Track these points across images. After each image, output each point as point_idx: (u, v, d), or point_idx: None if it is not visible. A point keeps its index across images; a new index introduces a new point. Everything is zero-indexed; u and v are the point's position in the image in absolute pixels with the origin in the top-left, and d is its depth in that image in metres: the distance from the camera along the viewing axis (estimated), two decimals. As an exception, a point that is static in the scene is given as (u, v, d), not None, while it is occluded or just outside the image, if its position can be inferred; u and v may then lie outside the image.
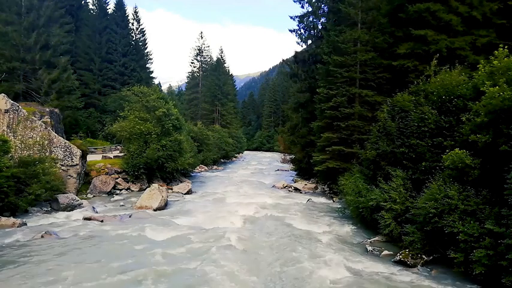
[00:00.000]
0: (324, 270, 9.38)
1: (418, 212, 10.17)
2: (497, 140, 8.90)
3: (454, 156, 9.61)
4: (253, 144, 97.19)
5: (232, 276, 8.82)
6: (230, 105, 67.64)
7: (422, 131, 11.86)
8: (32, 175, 15.16)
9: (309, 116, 26.60)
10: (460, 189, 9.45)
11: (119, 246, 11.00)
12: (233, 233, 12.69)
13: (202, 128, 43.62)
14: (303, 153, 28.36)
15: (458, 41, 16.69)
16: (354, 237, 13.04)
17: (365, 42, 20.33)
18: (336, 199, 20.28)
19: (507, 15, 16.97)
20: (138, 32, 50.90)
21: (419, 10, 17.05)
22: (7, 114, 17.72)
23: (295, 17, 28.75)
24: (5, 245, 10.64)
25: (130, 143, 23.67)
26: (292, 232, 13.30)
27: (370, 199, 12.50)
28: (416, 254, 10.04)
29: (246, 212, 16.45)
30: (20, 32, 27.81)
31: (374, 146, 14.10)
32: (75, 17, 43.12)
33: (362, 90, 20.05)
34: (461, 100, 11.24)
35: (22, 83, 28.09)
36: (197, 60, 69.30)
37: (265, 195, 22.17)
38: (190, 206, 18.35)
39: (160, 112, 23.90)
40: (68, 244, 10.91)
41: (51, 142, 18.79)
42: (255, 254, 10.71)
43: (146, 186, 21.99)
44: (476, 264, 8.16)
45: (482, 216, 8.64)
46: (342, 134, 20.16)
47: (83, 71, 42.84)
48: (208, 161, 42.50)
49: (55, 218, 14.54)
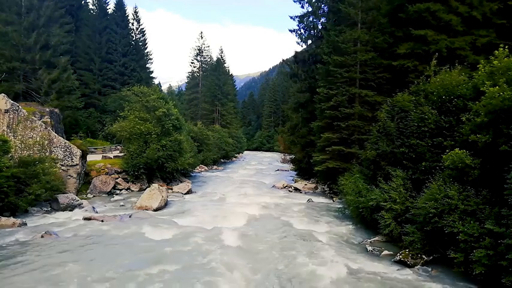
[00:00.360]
0: (324, 270, 9.38)
1: (418, 212, 10.17)
2: (497, 140, 8.89)
3: (454, 156, 9.61)
4: (253, 144, 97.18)
5: (233, 276, 8.82)
6: (230, 105, 67.66)
7: (422, 131, 11.85)
8: (32, 175, 15.15)
9: (309, 116, 26.60)
10: (460, 189, 9.45)
11: (118, 246, 10.99)
12: (233, 232, 12.69)
13: (202, 128, 43.63)
14: (303, 153, 28.35)
15: (458, 41, 16.69)
16: (354, 237, 13.04)
17: (365, 42, 20.33)
18: (336, 199, 20.28)
19: (507, 15, 16.97)
20: (138, 32, 50.94)
21: (419, 10, 17.05)
22: (7, 114, 17.73)
23: (295, 17, 28.77)
24: (5, 245, 10.64)
25: (130, 143, 23.68)
26: (292, 232, 13.30)
27: (370, 199, 12.49)
28: (416, 254, 10.04)
29: (246, 212, 16.45)
30: (20, 32, 27.83)
31: (374, 146, 14.10)
32: (75, 17, 43.15)
33: (362, 90, 20.05)
34: (461, 100, 11.23)
35: (22, 83, 28.09)
36: (197, 60, 69.36)
37: (265, 195, 22.17)
38: (190, 206, 18.35)
39: (160, 112, 23.91)
40: (68, 244, 10.91)
41: (51, 142, 18.79)
42: (255, 253, 10.71)
43: (146, 186, 22.00)
44: (476, 264, 8.15)
45: (482, 216, 8.64)
46: (342, 134, 20.16)
47: (83, 71, 42.87)
48: (208, 161, 42.51)
49: (55, 218, 14.53)
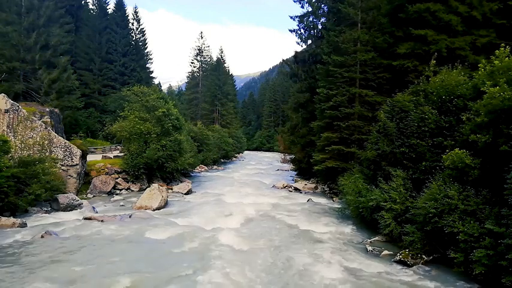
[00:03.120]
0: (324, 270, 9.38)
1: (418, 212, 10.17)
2: (497, 140, 8.89)
3: (454, 156, 9.60)
4: (253, 144, 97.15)
5: (232, 276, 8.81)
6: (230, 105, 67.64)
7: (423, 130, 11.85)
8: (32, 175, 15.13)
9: (309, 116, 26.60)
10: (460, 189, 9.45)
11: (118, 246, 10.99)
12: (233, 232, 12.69)
13: (202, 128, 43.61)
14: (303, 153, 28.35)
15: (458, 41, 16.70)
16: (354, 237, 13.04)
17: (365, 42, 20.33)
18: (336, 199, 20.27)
19: (507, 15, 16.97)
20: (138, 32, 50.97)
21: (419, 10, 17.05)
22: (7, 114, 17.72)
23: (295, 17, 28.80)
24: (5, 245, 10.63)
25: (130, 143, 23.65)
26: (292, 232, 13.31)
27: (370, 199, 12.49)
28: (416, 254, 10.03)
29: (246, 212, 16.45)
30: (20, 32, 27.83)
31: (374, 146, 14.10)
32: (75, 17, 43.16)
33: (362, 90, 20.05)
34: (462, 100, 11.24)
35: (22, 83, 28.08)
36: (197, 60, 69.35)
37: (265, 195, 22.16)
38: (190, 206, 18.33)
39: (160, 112, 23.89)
40: (68, 244, 10.90)
41: (51, 142, 18.78)
42: (254, 253, 10.71)
43: (146, 186, 21.99)
44: (476, 264, 8.16)
45: (482, 216, 8.64)
46: (342, 133, 20.16)
47: (83, 71, 42.87)
48: (208, 161, 42.49)
49: (55, 218, 14.51)
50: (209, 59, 70.59)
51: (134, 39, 49.82)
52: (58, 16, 32.81)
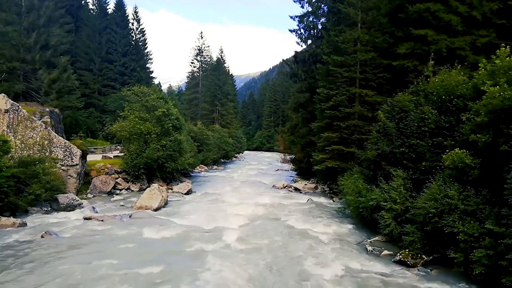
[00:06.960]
0: (324, 269, 9.39)
1: (418, 212, 10.17)
2: (497, 140, 8.89)
3: (454, 156, 9.60)
4: (253, 144, 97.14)
5: (232, 276, 8.81)
6: (230, 105, 67.66)
7: (423, 130, 11.85)
8: (32, 175, 15.13)
9: (309, 116, 26.60)
10: (460, 189, 9.45)
11: (118, 246, 10.99)
12: (233, 232, 12.70)
13: (202, 128, 43.62)
14: (303, 153, 28.34)
15: (458, 41, 16.69)
16: (354, 237, 13.03)
17: (365, 42, 20.32)
18: (336, 199, 20.27)
19: (507, 15, 16.97)
20: (138, 32, 50.98)
21: (419, 10, 17.05)
22: (7, 114, 17.72)
23: (295, 17, 28.79)
24: (5, 245, 10.64)
25: (130, 143, 23.65)
26: (292, 232, 13.31)
27: (370, 199, 12.49)
28: (416, 254, 10.03)
29: (246, 212, 16.45)
30: (20, 32, 27.81)
31: (374, 146, 14.10)
32: (75, 17, 43.18)
33: (362, 90, 20.05)
34: (461, 100, 11.24)
35: (22, 83, 28.07)
36: (197, 60, 69.36)
37: (265, 195, 22.15)
38: (190, 206, 18.33)
39: (160, 112, 23.89)
40: (68, 244, 10.91)
41: (51, 142, 18.78)
42: (254, 253, 10.71)
43: (146, 186, 21.98)
44: (476, 264, 8.16)
45: (482, 216, 8.64)
46: (342, 133, 20.16)
47: (83, 71, 42.88)
48: (208, 161, 42.49)
49: (55, 218, 14.52)
50: (209, 59, 70.63)
51: (134, 39, 49.83)
52: (58, 16, 32.82)
